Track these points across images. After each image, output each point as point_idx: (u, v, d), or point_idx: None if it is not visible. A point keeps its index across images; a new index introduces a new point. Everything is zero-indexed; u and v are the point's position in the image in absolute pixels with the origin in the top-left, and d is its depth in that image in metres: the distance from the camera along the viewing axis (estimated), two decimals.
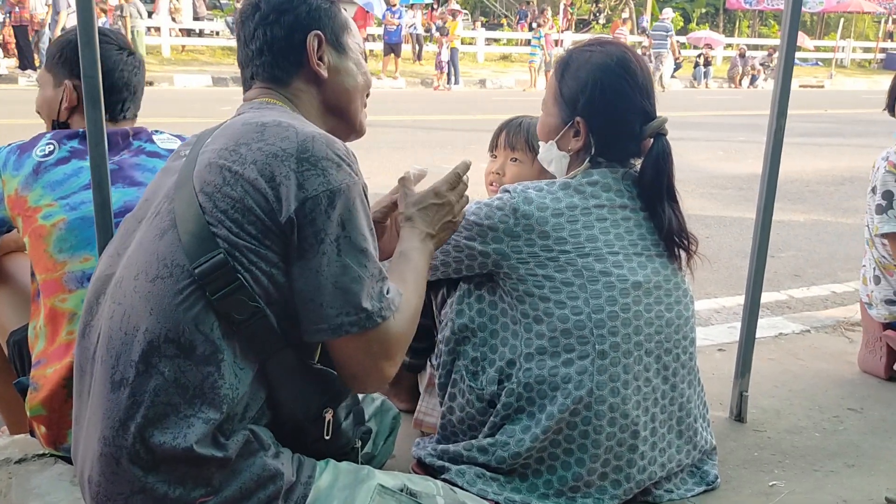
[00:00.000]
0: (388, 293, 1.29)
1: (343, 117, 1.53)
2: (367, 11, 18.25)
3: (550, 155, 1.84)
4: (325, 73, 1.46)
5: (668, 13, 19.99)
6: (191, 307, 1.20)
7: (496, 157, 2.19)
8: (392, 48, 17.37)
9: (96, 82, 1.58)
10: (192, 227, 1.23)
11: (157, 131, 1.99)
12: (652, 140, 1.78)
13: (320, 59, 1.45)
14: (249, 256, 1.22)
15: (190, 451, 1.18)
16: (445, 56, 16.87)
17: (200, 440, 1.19)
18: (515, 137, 2.13)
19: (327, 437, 1.37)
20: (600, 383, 1.65)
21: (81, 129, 1.89)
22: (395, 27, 17.29)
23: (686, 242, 1.80)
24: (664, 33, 18.90)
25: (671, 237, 1.77)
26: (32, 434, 1.86)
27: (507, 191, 1.75)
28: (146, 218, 1.32)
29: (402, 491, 1.37)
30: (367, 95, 1.60)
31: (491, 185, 2.17)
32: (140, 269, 1.25)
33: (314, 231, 1.22)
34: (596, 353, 1.65)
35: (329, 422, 1.37)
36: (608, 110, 1.75)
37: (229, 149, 1.26)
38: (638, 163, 1.81)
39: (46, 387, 1.73)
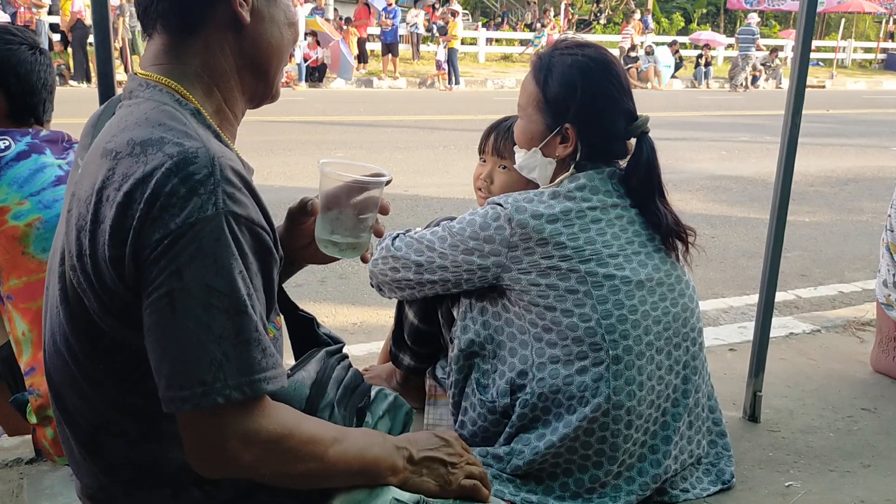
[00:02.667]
0: (257, 362, 1.01)
1: (261, 76, 1.24)
2: (370, 10, 18.21)
3: (534, 162, 1.79)
4: (247, 17, 1.17)
5: (754, 17, 21.30)
6: (108, 394, 1.11)
7: (485, 161, 2.10)
8: (389, 48, 17.35)
9: (111, 80, 1.57)
10: (79, 305, 1.08)
11: None
12: (636, 139, 1.76)
13: None
14: (132, 336, 1.05)
15: None
16: (442, 56, 16.86)
17: (179, 502, 1.15)
18: (504, 144, 2.04)
19: None
20: (617, 388, 1.64)
21: (31, 128, 1.82)
22: (389, 27, 17.25)
23: (685, 234, 1.78)
24: (750, 36, 19.84)
25: (670, 231, 1.76)
26: (38, 454, 1.81)
27: (499, 203, 1.71)
28: (53, 261, 1.18)
29: (417, 503, 1.34)
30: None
31: (479, 190, 2.09)
32: (55, 346, 1.15)
33: (144, 285, 1.00)
34: (610, 358, 1.64)
35: None
36: (598, 115, 1.73)
37: (86, 201, 1.05)
38: (622, 162, 1.79)
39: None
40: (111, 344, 1.07)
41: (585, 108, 1.71)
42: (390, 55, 17.38)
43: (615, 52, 17.00)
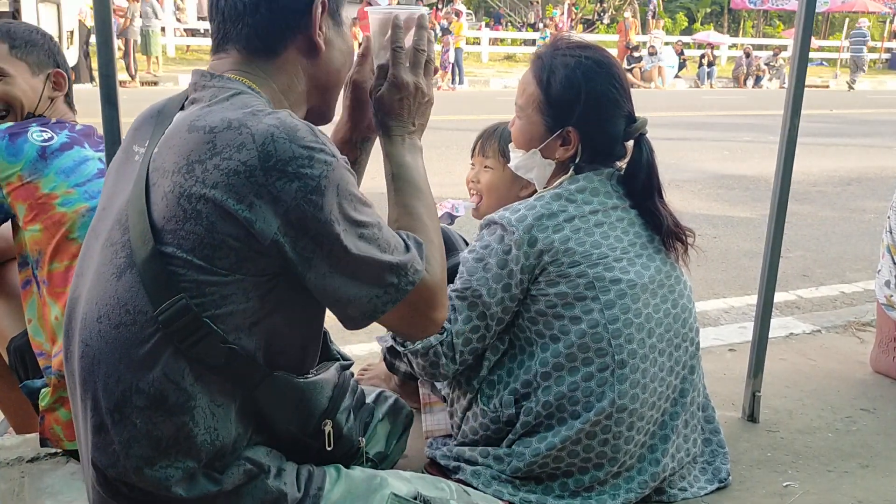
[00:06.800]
0: (408, 250, 1.22)
1: (325, 98, 1.37)
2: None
3: (532, 163, 1.78)
4: (322, 45, 1.29)
5: (865, 21, 22.77)
6: (158, 356, 1.14)
7: (474, 165, 2.17)
8: None
9: (113, 81, 1.58)
10: (151, 268, 1.13)
11: None
12: (634, 141, 1.76)
13: (319, 28, 1.28)
14: (223, 292, 1.13)
15: (179, 497, 1.17)
16: (452, 56, 16.87)
17: (186, 486, 1.17)
18: (488, 144, 2.12)
19: (329, 448, 1.33)
20: (621, 392, 1.64)
21: (66, 120, 1.90)
22: None
23: (684, 235, 1.79)
24: (862, 38, 21.11)
25: (670, 232, 1.76)
26: (43, 442, 1.83)
27: (502, 225, 1.67)
28: (101, 239, 1.23)
29: (415, 499, 1.34)
30: None
31: (470, 191, 2.18)
32: (102, 311, 1.17)
33: (312, 237, 1.13)
34: (615, 363, 1.64)
35: (329, 433, 1.31)
36: (601, 118, 1.72)
37: (182, 170, 1.12)
38: (619, 164, 1.79)
39: None
40: (176, 305, 1.12)
41: (589, 112, 1.70)
42: None
43: (614, 51, 17.01)
